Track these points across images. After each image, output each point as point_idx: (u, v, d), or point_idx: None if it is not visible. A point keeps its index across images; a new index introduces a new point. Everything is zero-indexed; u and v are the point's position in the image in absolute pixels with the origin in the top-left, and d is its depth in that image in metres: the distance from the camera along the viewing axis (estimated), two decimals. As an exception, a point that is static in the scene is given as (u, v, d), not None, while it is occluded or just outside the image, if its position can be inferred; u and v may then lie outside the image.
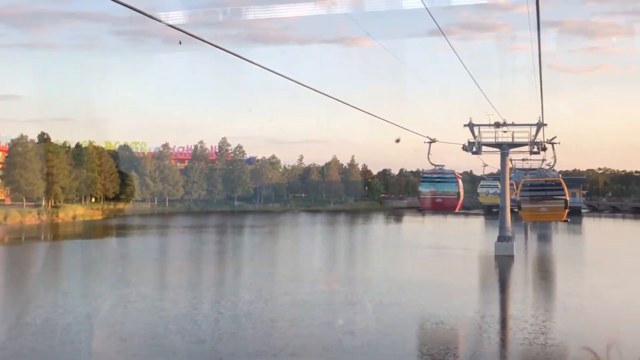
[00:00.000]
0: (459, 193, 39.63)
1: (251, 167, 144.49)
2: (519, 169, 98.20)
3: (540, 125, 48.90)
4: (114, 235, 74.76)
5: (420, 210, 41.49)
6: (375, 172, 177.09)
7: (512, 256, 48.80)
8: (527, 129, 50.08)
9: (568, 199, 39.39)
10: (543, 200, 39.00)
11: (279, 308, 28.56)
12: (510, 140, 50.97)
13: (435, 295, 32.32)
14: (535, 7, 13.33)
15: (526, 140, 50.19)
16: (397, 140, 56.56)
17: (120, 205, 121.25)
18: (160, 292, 33.65)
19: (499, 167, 53.72)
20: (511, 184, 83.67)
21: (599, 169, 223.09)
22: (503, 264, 47.16)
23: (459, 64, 38.52)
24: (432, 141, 41.52)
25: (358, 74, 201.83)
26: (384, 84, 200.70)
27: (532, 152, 50.75)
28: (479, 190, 74.84)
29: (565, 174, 70.31)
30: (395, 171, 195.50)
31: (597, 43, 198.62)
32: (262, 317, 26.36)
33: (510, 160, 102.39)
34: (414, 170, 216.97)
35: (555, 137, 47.50)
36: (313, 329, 24.52)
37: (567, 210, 39.33)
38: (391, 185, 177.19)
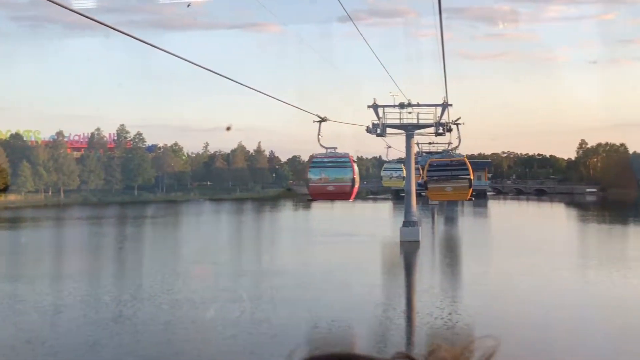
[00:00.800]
0: (353, 180, 32.78)
1: (152, 155, 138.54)
2: (426, 153, 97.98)
3: (445, 105, 46.97)
4: (-4, 229, 68.77)
5: (310, 200, 36.21)
6: (284, 159, 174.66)
7: (418, 242, 47.00)
8: (433, 109, 48.20)
9: (472, 178, 38.48)
10: (448, 180, 37.84)
11: (156, 308, 25.03)
12: (415, 121, 48.92)
13: (335, 288, 29.69)
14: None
15: (431, 121, 48.32)
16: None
17: (11, 197, 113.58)
18: (24, 291, 29.46)
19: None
20: (417, 168, 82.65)
21: (503, 152, 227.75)
22: (408, 250, 45.12)
23: (368, 50, 36.60)
24: (323, 120, 35.89)
25: (265, 59, 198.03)
26: (292, 69, 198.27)
27: (437, 134, 48.84)
28: (382, 173, 71.27)
29: (470, 157, 69.27)
30: (305, 157, 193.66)
31: (501, 30, 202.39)
32: (133, 320, 22.81)
33: (417, 144, 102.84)
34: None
35: (460, 117, 45.79)
36: (189, 333, 21.22)
37: (471, 190, 38.48)
38: (300, 172, 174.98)
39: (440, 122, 48.41)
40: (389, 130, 49.91)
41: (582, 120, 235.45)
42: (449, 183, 37.72)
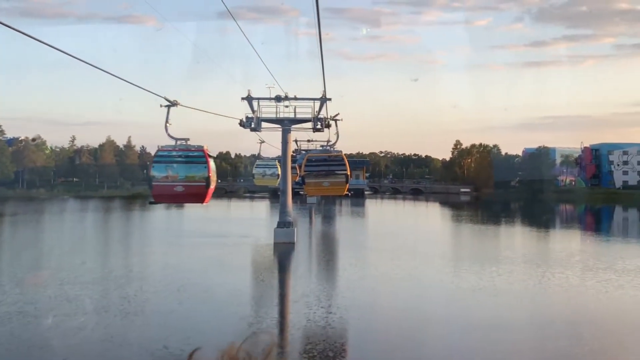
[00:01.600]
0: (208, 179, 26.58)
1: (12, 148, 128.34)
2: (305, 151, 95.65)
3: (324, 99, 44.35)
4: None
5: (152, 202, 29.04)
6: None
7: (293, 243, 44.22)
8: (311, 104, 45.50)
9: (349, 174, 37.24)
10: (326, 175, 36.36)
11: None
12: (292, 116, 45.97)
13: (194, 296, 26.17)
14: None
15: (309, 116, 45.57)
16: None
17: None
18: None
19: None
20: (294, 167, 79.72)
21: (381, 152, 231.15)
22: (282, 252, 42.15)
23: (250, 48, 33.79)
24: (172, 104, 27.99)
25: (139, 51, 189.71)
26: (167, 62, 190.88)
27: (315, 129, 46.02)
28: (254, 171, 63.46)
29: (349, 156, 66.81)
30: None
31: (381, 32, 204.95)
32: None
33: (296, 141, 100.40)
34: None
35: (339, 114, 43.03)
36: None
37: (347, 185, 37.23)
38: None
39: (319, 117, 45.85)
40: (264, 125, 46.73)
41: (458, 122, 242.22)
42: (326, 178, 36.43)
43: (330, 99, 44.77)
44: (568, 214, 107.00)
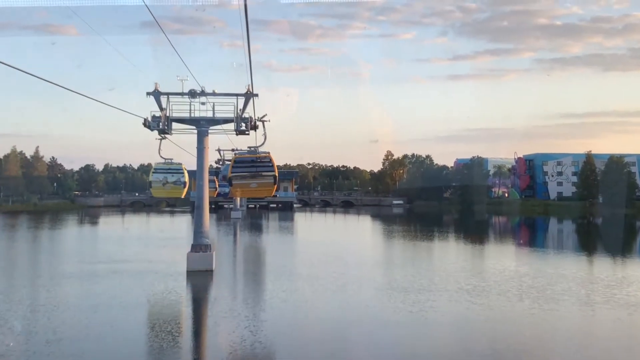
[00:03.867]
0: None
1: None
2: (228, 161, 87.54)
3: (249, 95, 36.42)
4: None
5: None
6: (73, 167, 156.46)
7: (211, 271, 35.96)
8: (233, 100, 37.40)
9: (277, 174, 36.28)
10: (254, 176, 35.65)
11: None
12: (210, 115, 37.71)
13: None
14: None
15: (231, 115, 37.42)
16: None
17: None
18: None
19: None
20: (212, 180, 70.71)
21: (308, 164, 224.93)
22: (196, 284, 33.73)
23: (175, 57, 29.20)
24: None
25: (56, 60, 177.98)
26: (87, 70, 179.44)
27: (239, 131, 37.91)
28: (151, 177, 46.23)
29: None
30: (99, 166, 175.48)
31: (307, 44, 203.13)
32: None
33: (219, 150, 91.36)
34: (122, 165, 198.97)
35: (266, 114, 37.66)
36: None
37: (276, 186, 36.69)
38: (86, 182, 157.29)
39: (243, 116, 37.78)
40: (175, 125, 38.37)
41: (386, 134, 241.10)
42: (254, 180, 35.80)
43: (257, 95, 36.97)
44: (502, 227, 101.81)
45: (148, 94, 36.73)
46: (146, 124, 36.59)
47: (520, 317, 25.40)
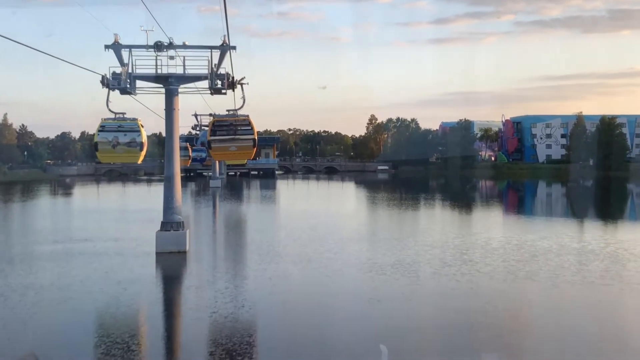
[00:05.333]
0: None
1: None
2: (206, 127, 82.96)
3: (226, 47, 31.19)
4: None
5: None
6: (49, 135, 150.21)
7: (184, 252, 31.08)
8: (207, 54, 32.07)
9: (256, 138, 34.85)
10: (233, 140, 34.23)
11: None
12: (180, 72, 32.36)
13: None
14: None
15: (204, 71, 32.12)
16: None
17: None
18: None
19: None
20: (184, 147, 65.31)
21: (289, 129, 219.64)
22: (167, 267, 29.03)
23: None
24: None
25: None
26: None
27: (213, 90, 32.70)
28: (97, 137, 33.10)
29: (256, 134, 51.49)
30: (76, 134, 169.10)
31: (286, 8, 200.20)
32: None
33: (196, 116, 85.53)
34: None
35: (244, 77, 33.54)
36: None
37: (255, 149, 36.18)
38: (61, 150, 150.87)
39: (218, 73, 32.52)
40: (140, 84, 32.93)
41: (366, 99, 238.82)
42: (233, 143, 34.46)
43: (234, 48, 31.80)
44: (496, 193, 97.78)
45: (106, 47, 31.22)
46: (104, 83, 31.08)
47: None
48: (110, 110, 32.23)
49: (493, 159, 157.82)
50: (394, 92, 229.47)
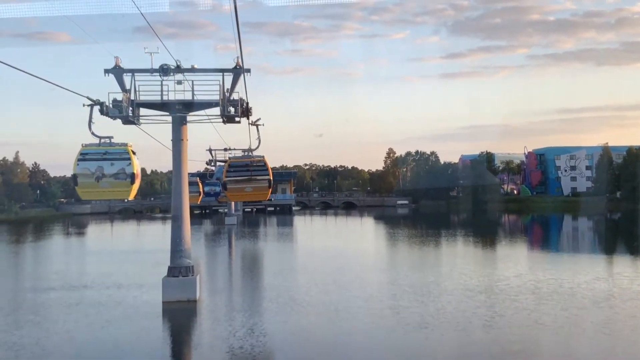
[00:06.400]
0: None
1: None
2: (222, 162, 79.79)
3: (239, 70, 27.72)
4: None
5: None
6: (65, 174, 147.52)
7: (195, 301, 27.32)
8: (218, 78, 28.56)
9: (271, 178, 35.21)
10: (249, 180, 34.32)
11: None
12: (189, 97, 28.86)
13: None
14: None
15: (215, 97, 28.58)
16: None
17: None
18: None
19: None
20: (194, 182, 61.98)
21: (305, 164, 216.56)
22: (174, 322, 25.20)
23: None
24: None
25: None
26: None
27: (226, 117, 29.21)
28: (76, 169, 25.40)
29: (273, 170, 47.83)
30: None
31: (299, 46, 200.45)
32: None
33: (210, 150, 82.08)
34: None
35: (260, 118, 34.16)
36: None
37: (270, 190, 36.07)
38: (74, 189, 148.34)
39: (231, 99, 28.99)
40: (144, 112, 29.49)
41: (384, 133, 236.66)
42: (248, 184, 34.63)
43: (248, 71, 28.24)
44: (521, 228, 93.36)
45: (106, 71, 27.79)
46: (104, 111, 27.51)
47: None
48: (93, 133, 25.99)
49: (516, 192, 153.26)
50: (409, 126, 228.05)
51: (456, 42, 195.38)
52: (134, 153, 25.80)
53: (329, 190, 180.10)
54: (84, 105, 25.59)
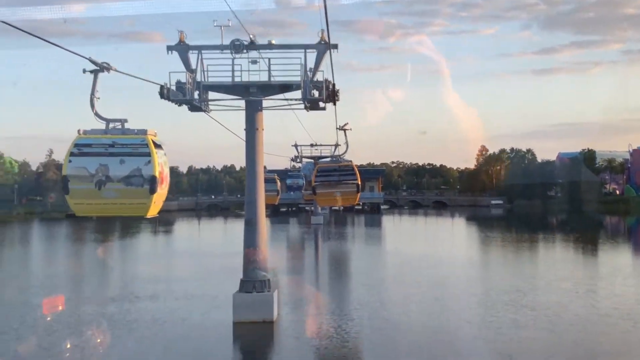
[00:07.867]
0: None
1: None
2: (310, 158, 76.41)
3: (324, 46, 22.87)
4: None
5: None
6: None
7: (272, 322, 22.64)
8: (300, 55, 23.68)
9: (360, 183, 35.64)
10: (337, 185, 34.71)
11: None
12: (265, 79, 24.22)
13: None
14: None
15: (297, 78, 23.74)
16: None
17: None
18: None
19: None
20: (271, 179, 57.57)
21: (392, 162, 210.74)
22: (243, 352, 20.58)
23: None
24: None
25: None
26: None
27: (310, 103, 24.41)
28: (67, 169, 13.57)
29: (360, 167, 43.55)
30: (183, 168, 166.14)
31: (387, 43, 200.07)
32: None
33: (296, 146, 78.09)
34: (205, 167, 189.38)
35: (347, 123, 37.76)
36: None
37: (359, 194, 36.07)
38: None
39: (315, 80, 24.05)
40: (213, 96, 24.99)
41: (474, 130, 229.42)
42: (337, 188, 35.05)
43: (335, 47, 23.30)
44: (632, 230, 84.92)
45: (169, 48, 23.51)
46: (164, 95, 23.04)
47: None
48: (97, 114, 14.14)
49: (618, 192, 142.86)
50: (502, 123, 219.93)
51: (548, 38, 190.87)
52: (157, 146, 14.27)
53: (417, 188, 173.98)
54: (84, 71, 13.87)
